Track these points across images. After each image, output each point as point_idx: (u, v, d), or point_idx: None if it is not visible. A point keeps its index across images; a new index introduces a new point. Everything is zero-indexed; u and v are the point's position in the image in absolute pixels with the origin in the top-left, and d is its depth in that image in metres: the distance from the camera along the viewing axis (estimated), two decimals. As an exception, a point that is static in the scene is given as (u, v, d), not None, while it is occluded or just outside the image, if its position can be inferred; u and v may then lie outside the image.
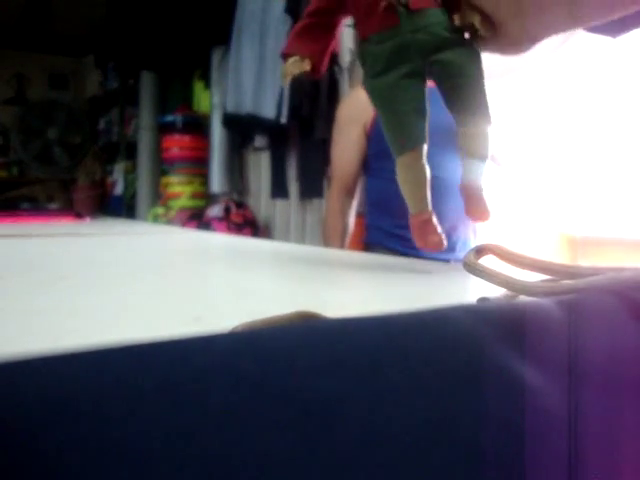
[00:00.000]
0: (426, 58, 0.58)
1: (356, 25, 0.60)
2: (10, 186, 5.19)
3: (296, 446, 0.11)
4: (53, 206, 3.51)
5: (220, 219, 2.98)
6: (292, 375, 0.12)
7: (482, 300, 0.33)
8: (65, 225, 1.59)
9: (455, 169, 1.54)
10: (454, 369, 0.15)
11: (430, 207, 0.64)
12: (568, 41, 2.05)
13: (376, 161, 1.59)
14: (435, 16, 0.56)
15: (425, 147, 0.64)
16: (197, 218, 3.14)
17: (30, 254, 0.83)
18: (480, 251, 0.39)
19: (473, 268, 0.36)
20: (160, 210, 3.50)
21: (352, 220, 1.70)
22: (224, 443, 0.10)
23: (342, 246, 1.66)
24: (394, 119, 0.62)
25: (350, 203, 1.68)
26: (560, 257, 2.28)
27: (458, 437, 0.14)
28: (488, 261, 0.36)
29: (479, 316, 0.19)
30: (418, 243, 0.62)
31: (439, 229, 0.62)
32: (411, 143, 0.63)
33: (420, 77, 0.60)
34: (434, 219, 0.63)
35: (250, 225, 2.98)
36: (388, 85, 0.60)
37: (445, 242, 0.61)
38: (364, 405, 0.13)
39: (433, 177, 1.69)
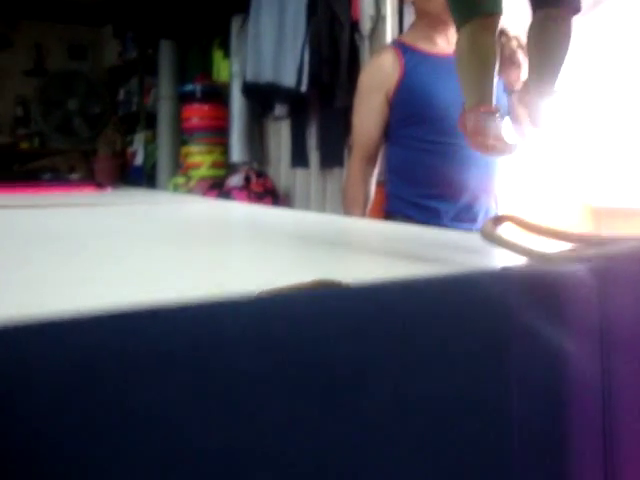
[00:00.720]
0: None
1: None
2: (32, 157, 5.22)
3: (324, 410, 0.11)
4: (74, 176, 3.53)
5: (240, 188, 2.98)
6: (320, 340, 0.12)
7: (505, 269, 0.32)
8: (87, 195, 1.60)
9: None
10: (484, 334, 0.15)
11: (494, 101, 0.48)
12: (597, 7, 2.00)
13: (398, 129, 1.58)
14: None
15: (500, 20, 0.47)
16: (217, 187, 3.14)
17: (53, 224, 0.84)
18: (498, 220, 0.38)
19: (491, 237, 0.35)
20: (180, 180, 3.50)
21: (373, 188, 1.69)
22: (255, 407, 0.10)
23: (363, 215, 1.65)
24: None
25: (371, 171, 1.67)
26: (583, 228, 2.26)
27: (489, 403, 0.13)
28: (507, 230, 0.36)
29: (509, 281, 0.19)
30: (472, 144, 0.47)
31: (502, 130, 0.47)
32: (487, 6, 0.46)
33: None
34: (498, 117, 0.48)
35: (270, 194, 2.98)
36: None
37: (514, 145, 0.46)
38: (393, 370, 0.12)
39: (454, 145, 1.67)
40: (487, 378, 0.14)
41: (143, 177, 4.46)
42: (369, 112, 1.61)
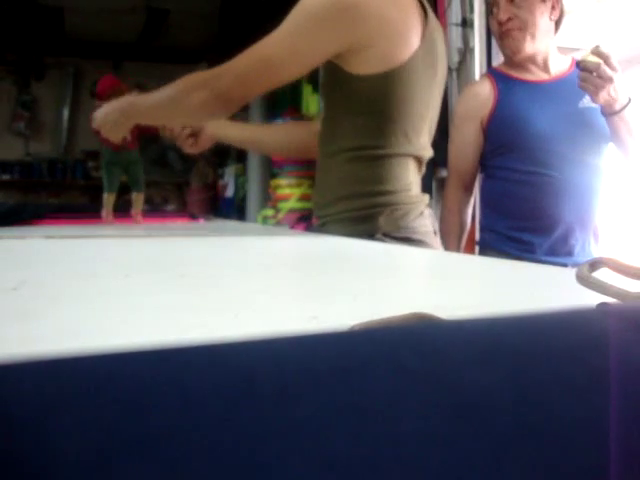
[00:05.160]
0: None
1: None
2: (129, 189, 5.48)
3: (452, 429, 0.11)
4: (169, 208, 3.66)
5: (328, 221, 3.00)
6: (446, 367, 0.12)
7: (602, 305, 0.31)
8: (181, 226, 1.65)
9: (575, 169, 1.48)
10: (584, 370, 0.15)
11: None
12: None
13: (491, 158, 1.56)
14: None
15: None
16: (306, 220, 3.18)
17: (152, 253, 0.87)
18: (594, 264, 0.37)
19: (586, 281, 0.34)
20: (269, 212, 3.57)
21: (469, 219, 1.67)
22: (391, 423, 0.10)
23: (459, 244, 1.64)
24: None
25: (467, 201, 1.65)
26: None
27: (605, 435, 0.13)
28: (603, 274, 0.35)
29: (622, 316, 0.18)
30: None
31: None
32: None
33: None
34: None
35: (358, 227, 2.98)
36: None
37: None
38: (511, 398, 0.12)
39: (549, 176, 1.63)
40: (603, 410, 0.14)
41: (233, 209, 4.57)
42: (465, 141, 1.60)
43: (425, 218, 1.19)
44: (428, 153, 1.25)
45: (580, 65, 1.33)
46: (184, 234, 1.32)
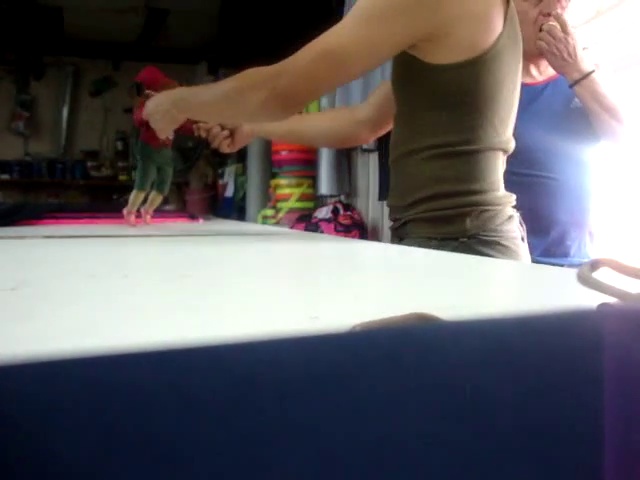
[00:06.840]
0: None
1: None
2: (129, 189, 5.47)
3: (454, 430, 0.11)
4: (168, 207, 3.65)
5: (328, 221, 3.01)
6: (446, 367, 0.12)
7: (602, 305, 0.31)
8: (180, 226, 1.65)
9: (569, 170, 1.48)
10: (584, 370, 0.15)
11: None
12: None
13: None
14: None
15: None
16: (305, 220, 3.18)
17: (152, 253, 0.87)
18: (595, 265, 0.37)
19: (587, 281, 0.34)
20: (269, 211, 3.57)
21: None
22: (391, 423, 0.10)
23: None
24: None
25: None
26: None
27: (603, 434, 0.13)
28: (604, 274, 0.35)
29: (622, 317, 0.18)
30: None
31: None
32: None
33: None
34: None
35: (358, 227, 2.99)
36: None
37: None
38: (511, 399, 0.12)
39: (545, 178, 1.63)
40: (590, 409, 0.14)
41: (233, 209, 4.57)
42: None
43: (512, 222, 1.09)
44: (513, 145, 1.13)
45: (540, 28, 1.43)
46: (183, 234, 1.32)
